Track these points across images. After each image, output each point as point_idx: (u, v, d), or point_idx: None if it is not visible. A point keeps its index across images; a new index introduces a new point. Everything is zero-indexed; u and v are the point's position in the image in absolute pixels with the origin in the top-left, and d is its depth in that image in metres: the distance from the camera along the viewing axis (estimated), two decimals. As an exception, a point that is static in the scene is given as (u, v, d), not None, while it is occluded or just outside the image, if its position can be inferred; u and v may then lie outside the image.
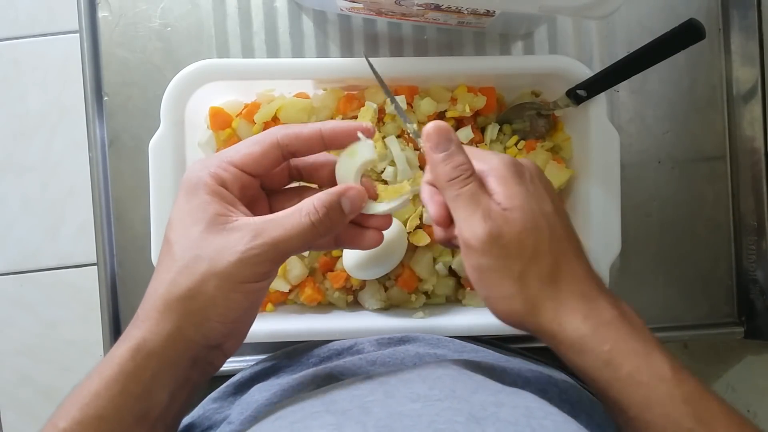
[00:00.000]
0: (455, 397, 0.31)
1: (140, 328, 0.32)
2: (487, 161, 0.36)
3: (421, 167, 0.52)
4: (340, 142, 0.37)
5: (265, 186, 0.38)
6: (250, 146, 0.35)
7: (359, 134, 0.36)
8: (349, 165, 0.37)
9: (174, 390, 0.32)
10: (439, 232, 0.38)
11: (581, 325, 0.33)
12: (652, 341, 0.33)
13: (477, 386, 0.33)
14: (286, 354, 0.50)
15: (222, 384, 0.48)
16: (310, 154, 0.37)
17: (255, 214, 0.36)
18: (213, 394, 0.47)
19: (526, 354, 0.52)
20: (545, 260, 0.34)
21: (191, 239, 0.32)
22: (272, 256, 0.32)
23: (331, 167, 0.38)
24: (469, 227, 0.34)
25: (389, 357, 0.45)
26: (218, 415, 0.45)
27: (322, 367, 0.44)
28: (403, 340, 0.48)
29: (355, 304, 0.54)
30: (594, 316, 0.33)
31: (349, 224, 0.37)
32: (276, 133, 0.35)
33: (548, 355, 0.41)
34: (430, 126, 0.35)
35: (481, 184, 0.35)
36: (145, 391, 0.31)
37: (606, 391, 0.32)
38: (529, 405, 0.31)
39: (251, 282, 0.32)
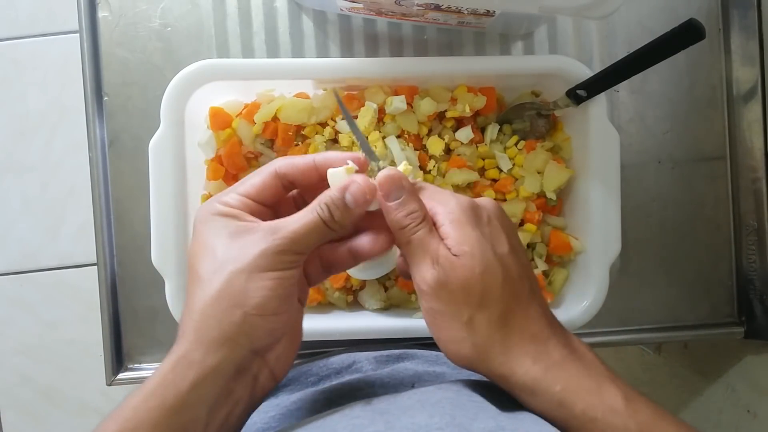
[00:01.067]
0: (455, 424, 0.31)
1: (181, 343, 0.32)
2: (445, 203, 0.36)
3: (422, 167, 0.52)
4: None
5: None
6: (251, 177, 0.36)
7: (348, 162, 0.36)
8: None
9: (214, 405, 0.32)
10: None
11: (531, 367, 0.33)
12: (605, 374, 0.34)
13: (477, 410, 0.33)
14: None
15: None
16: (309, 183, 0.38)
17: None
18: None
19: None
20: (495, 306, 0.34)
21: (215, 253, 0.33)
22: (293, 247, 0.33)
23: None
24: (419, 272, 0.35)
25: (388, 377, 0.45)
26: None
27: (320, 390, 0.44)
28: (401, 357, 0.48)
29: (355, 304, 0.54)
30: (544, 358, 0.33)
31: (360, 232, 0.38)
32: (275, 163, 0.37)
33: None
34: (382, 175, 0.36)
35: (433, 229, 0.35)
36: (183, 404, 0.31)
37: (564, 430, 0.33)
38: (529, 429, 0.31)
39: (279, 270, 0.33)
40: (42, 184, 1.20)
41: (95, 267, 0.56)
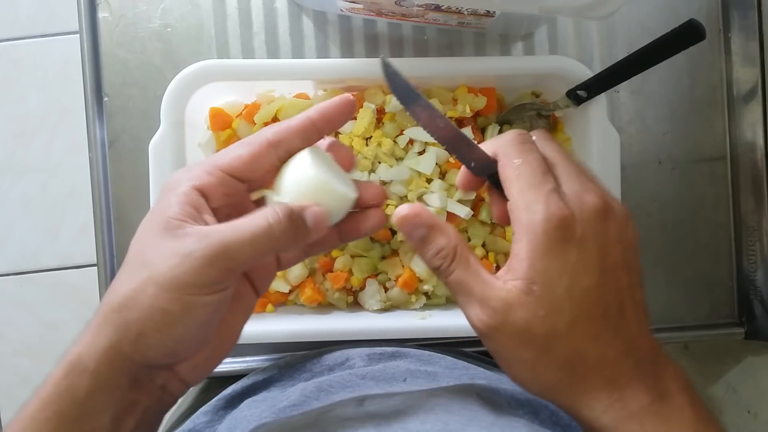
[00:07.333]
0: (448, 431, 0.30)
1: (80, 342, 0.29)
2: (531, 211, 0.29)
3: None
4: (334, 124, 0.34)
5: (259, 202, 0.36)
6: (239, 148, 0.33)
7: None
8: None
9: (117, 414, 0.29)
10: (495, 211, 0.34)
11: (601, 416, 0.29)
12: (689, 427, 0.29)
13: (470, 417, 0.32)
14: (278, 367, 0.50)
15: (215, 396, 0.48)
16: (308, 146, 0.34)
17: None
18: (204, 408, 0.46)
19: None
20: (563, 349, 0.29)
21: (143, 245, 0.30)
22: (220, 261, 0.28)
23: None
24: (467, 313, 0.31)
25: (380, 372, 0.44)
26: (208, 429, 0.44)
27: (311, 383, 0.43)
28: (394, 355, 0.48)
29: (355, 305, 0.54)
30: (618, 407, 0.29)
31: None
32: (266, 132, 0.33)
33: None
34: (397, 217, 0.31)
35: (470, 261, 0.30)
36: (81, 413, 0.28)
37: None
38: None
39: (195, 294, 0.28)
40: (42, 185, 1.20)
41: (95, 267, 0.56)
